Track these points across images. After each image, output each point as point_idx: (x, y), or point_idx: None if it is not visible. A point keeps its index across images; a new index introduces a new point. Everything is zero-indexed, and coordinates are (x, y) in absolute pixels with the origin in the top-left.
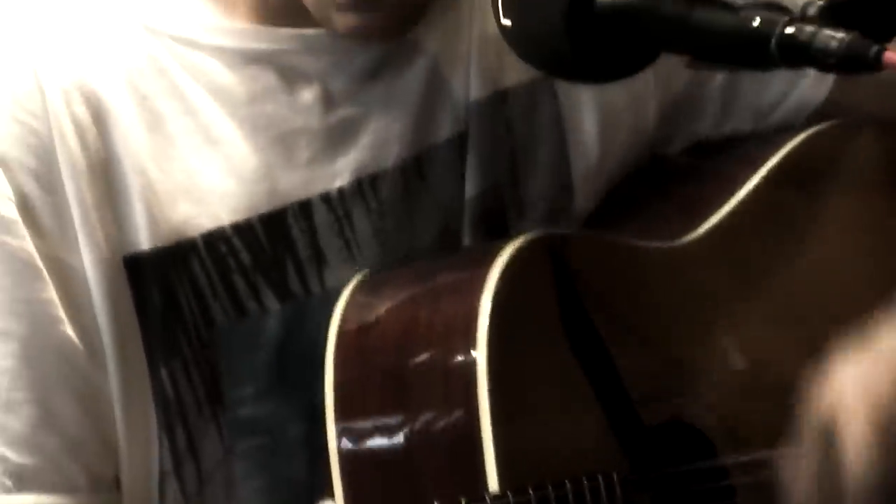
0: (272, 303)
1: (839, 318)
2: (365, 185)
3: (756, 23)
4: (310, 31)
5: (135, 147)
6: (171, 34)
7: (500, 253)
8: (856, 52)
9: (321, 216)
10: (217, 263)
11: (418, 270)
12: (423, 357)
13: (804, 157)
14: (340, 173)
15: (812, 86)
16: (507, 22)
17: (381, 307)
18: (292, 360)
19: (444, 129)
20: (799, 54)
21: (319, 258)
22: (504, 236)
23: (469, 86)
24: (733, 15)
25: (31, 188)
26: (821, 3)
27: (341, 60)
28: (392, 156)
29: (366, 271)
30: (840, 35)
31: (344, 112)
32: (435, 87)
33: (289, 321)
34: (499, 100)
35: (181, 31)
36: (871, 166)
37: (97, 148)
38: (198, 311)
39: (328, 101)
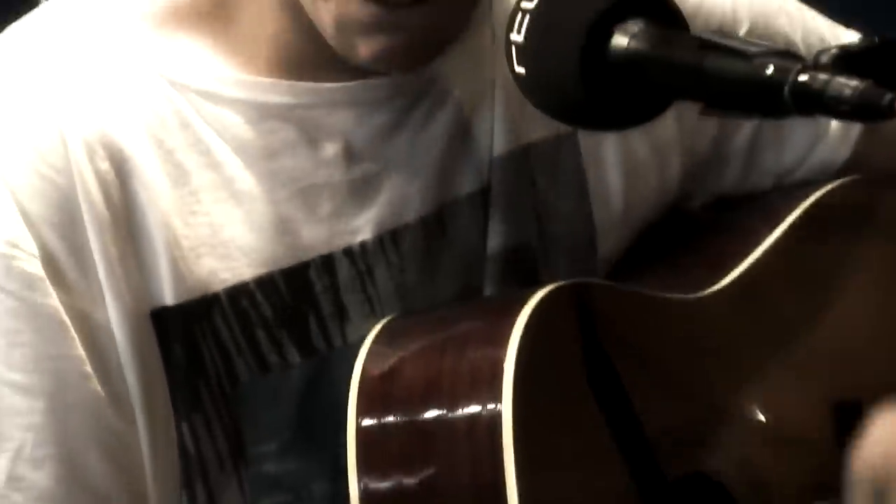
0: (294, 357)
1: (862, 372)
2: (386, 240)
3: (769, 70)
4: (331, 85)
5: (159, 200)
6: (193, 87)
7: (526, 302)
8: (869, 100)
9: (344, 271)
10: (240, 318)
11: (442, 318)
12: (448, 406)
13: (826, 211)
14: (362, 228)
15: (834, 146)
16: (521, 70)
17: (405, 355)
18: (315, 415)
19: (467, 184)
20: (812, 102)
21: (342, 313)
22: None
23: (493, 140)
24: (746, 63)
25: (56, 243)
26: (834, 51)
27: (363, 114)
28: (413, 210)
29: (389, 317)
30: (853, 83)
31: (366, 166)
32: (458, 141)
33: (311, 376)
34: (522, 154)
35: (202, 84)
36: (893, 220)
37: (121, 201)
38: (221, 365)
39: (350, 156)
